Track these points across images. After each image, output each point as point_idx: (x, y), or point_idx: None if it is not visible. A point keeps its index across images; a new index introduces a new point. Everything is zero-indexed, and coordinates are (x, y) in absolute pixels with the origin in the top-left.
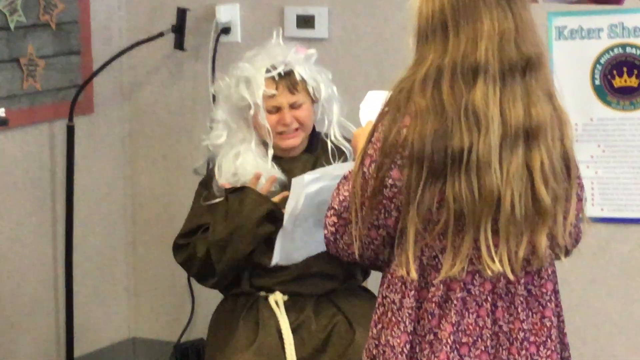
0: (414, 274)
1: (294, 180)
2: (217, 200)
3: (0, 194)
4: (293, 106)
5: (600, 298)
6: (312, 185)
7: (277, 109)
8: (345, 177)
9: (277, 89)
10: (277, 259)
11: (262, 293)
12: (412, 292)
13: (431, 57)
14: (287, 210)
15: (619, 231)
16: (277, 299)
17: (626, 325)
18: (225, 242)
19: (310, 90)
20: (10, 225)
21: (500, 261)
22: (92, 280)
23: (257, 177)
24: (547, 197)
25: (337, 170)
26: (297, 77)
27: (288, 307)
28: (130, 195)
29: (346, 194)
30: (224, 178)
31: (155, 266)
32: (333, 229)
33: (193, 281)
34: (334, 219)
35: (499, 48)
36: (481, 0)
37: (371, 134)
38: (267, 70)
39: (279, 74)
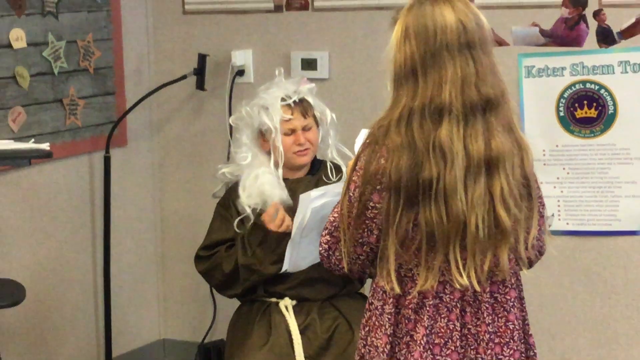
0: (397, 289)
1: (302, 196)
2: (242, 216)
3: (47, 217)
4: (305, 129)
5: (567, 300)
6: (318, 201)
7: (293, 131)
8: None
9: (292, 114)
10: (286, 266)
11: (274, 299)
12: (392, 299)
13: (404, 100)
14: (295, 223)
15: (582, 242)
16: (286, 304)
17: (589, 323)
18: (255, 266)
19: (317, 115)
20: (56, 244)
21: (468, 276)
22: (127, 290)
23: (275, 208)
24: (507, 219)
25: (338, 187)
26: (311, 102)
27: (296, 311)
28: (160, 217)
29: (336, 215)
30: (248, 197)
31: (181, 277)
32: (326, 246)
33: (214, 290)
34: (327, 237)
35: (462, 91)
36: (445, 50)
37: (355, 164)
38: (282, 99)
39: (294, 102)
